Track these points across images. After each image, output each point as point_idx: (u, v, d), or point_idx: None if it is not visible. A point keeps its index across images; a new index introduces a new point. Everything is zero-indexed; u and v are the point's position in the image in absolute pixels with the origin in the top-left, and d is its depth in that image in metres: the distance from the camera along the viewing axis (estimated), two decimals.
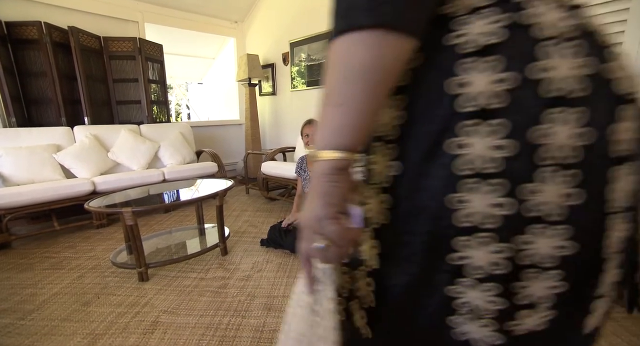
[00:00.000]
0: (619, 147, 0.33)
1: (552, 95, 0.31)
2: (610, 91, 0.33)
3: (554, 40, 0.32)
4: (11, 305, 1.44)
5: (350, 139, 0.34)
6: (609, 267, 0.36)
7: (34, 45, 2.70)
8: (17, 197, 2.06)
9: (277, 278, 1.63)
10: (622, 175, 0.33)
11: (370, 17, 0.30)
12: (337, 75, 0.33)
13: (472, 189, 0.33)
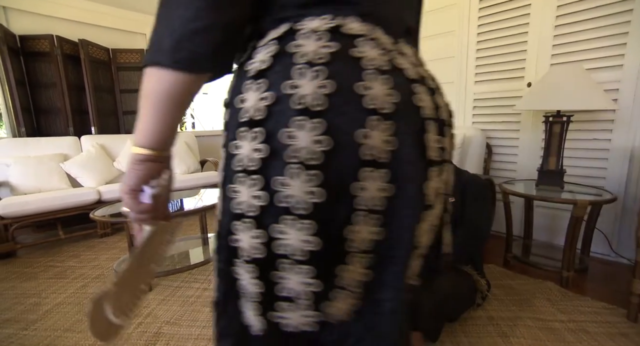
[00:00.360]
0: (368, 152, 0.39)
1: (299, 107, 0.39)
2: (358, 105, 0.39)
3: (306, 65, 0.40)
4: (15, 314, 1.44)
5: (147, 141, 0.44)
6: (353, 261, 0.42)
7: (45, 58, 2.78)
8: (24, 206, 2.08)
9: None
10: (368, 178, 0.39)
11: (169, 60, 0.39)
12: (142, 96, 0.42)
13: (241, 182, 0.42)
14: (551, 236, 2.04)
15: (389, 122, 0.40)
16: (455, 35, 2.33)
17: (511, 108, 2.09)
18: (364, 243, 0.42)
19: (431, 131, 0.46)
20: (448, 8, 2.34)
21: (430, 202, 0.46)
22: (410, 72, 0.45)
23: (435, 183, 0.47)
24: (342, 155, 0.39)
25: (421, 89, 0.46)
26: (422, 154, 0.45)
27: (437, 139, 0.47)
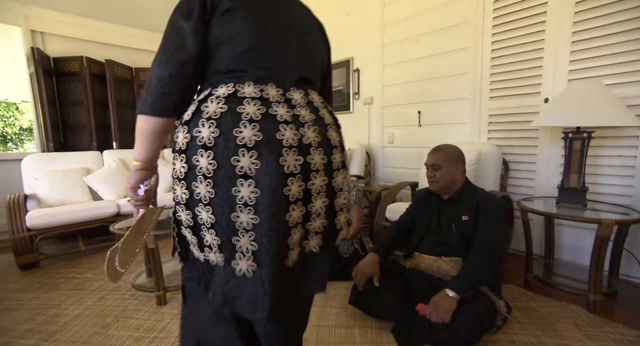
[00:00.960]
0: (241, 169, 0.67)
1: (200, 143, 0.68)
2: (234, 142, 0.67)
3: (205, 119, 0.68)
4: (36, 325, 1.48)
5: (141, 157, 0.77)
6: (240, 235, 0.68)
7: (75, 77, 2.95)
8: (50, 218, 2.17)
9: None
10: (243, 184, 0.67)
11: (150, 111, 0.70)
12: (137, 131, 0.74)
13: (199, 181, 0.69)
14: (574, 256, 1.95)
15: (253, 151, 0.67)
16: (469, 52, 2.34)
17: (528, 124, 2.05)
18: (243, 224, 0.68)
19: (289, 155, 0.69)
20: (462, 25, 2.36)
21: (294, 198, 0.71)
22: (281, 117, 0.70)
23: (295, 187, 0.70)
24: (224, 171, 0.67)
25: (287, 128, 0.69)
26: (283, 168, 0.69)
27: (296, 158, 0.70)
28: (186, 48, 0.69)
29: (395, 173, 3.02)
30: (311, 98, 0.78)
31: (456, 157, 1.44)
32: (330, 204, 0.79)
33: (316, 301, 1.64)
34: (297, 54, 0.79)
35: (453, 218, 1.42)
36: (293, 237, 0.72)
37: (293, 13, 0.82)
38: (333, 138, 0.79)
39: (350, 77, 3.28)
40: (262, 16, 0.74)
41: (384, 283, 1.40)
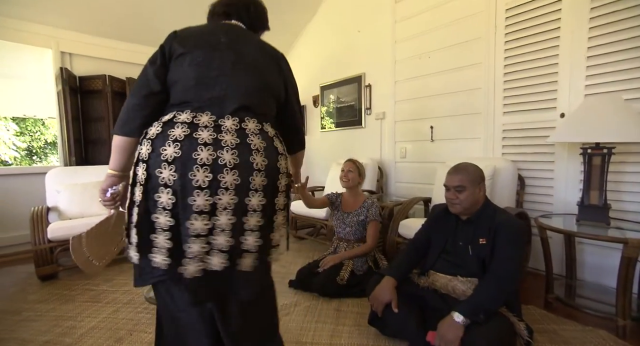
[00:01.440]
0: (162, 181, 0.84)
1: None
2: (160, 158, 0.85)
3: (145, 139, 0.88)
4: (53, 337, 1.51)
5: (113, 167, 0.95)
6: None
7: (97, 95, 3.09)
8: (69, 230, 2.22)
9: (305, 322, 1.59)
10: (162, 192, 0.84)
11: (119, 132, 0.92)
12: (112, 146, 0.93)
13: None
14: (599, 276, 1.87)
15: (172, 166, 0.84)
16: (481, 67, 2.35)
17: (544, 139, 2.02)
18: (161, 225, 0.85)
19: (199, 171, 0.83)
20: (474, 41, 2.39)
21: (199, 209, 0.84)
22: (202, 139, 0.85)
23: (201, 200, 0.84)
24: (152, 182, 0.85)
25: (204, 149, 0.84)
26: (192, 182, 0.83)
27: (206, 175, 0.84)
28: (149, 86, 0.91)
29: (407, 188, 2.99)
30: (244, 126, 0.91)
31: (479, 177, 1.38)
32: (239, 223, 0.88)
33: (328, 318, 1.61)
34: (239, 86, 0.93)
35: (470, 240, 1.37)
36: (192, 247, 0.84)
37: (243, 51, 0.98)
38: (257, 162, 0.90)
39: (362, 93, 3.32)
40: (206, 58, 0.93)
41: (398, 303, 1.37)
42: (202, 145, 0.84)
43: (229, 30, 1.02)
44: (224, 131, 0.87)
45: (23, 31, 2.83)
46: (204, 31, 1.00)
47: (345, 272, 1.85)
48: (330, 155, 3.75)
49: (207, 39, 0.97)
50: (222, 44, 0.96)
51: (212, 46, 0.95)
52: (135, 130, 0.90)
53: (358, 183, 2.08)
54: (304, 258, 2.56)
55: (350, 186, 2.07)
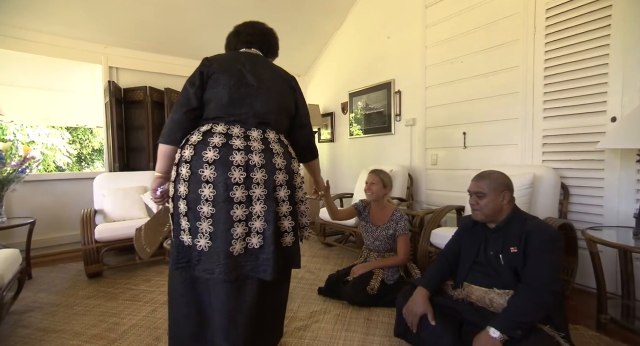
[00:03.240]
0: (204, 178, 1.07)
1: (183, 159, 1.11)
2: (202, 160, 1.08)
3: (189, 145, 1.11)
4: (100, 331, 1.61)
5: (159, 170, 1.18)
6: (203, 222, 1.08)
7: (139, 105, 3.30)
8: (113, 232, 2.38)
9: (335, 330, 1.57)
10: (205, 187, 1.07)
11: (164, 141, 1.14)
12: (158, 153, 1.16)
13: None
14: None
15: (212, 166, 1.06)
16: (519, 70, 2.25)
17: (592, 146, 1.89)
18: (204, 213, 1.06)
19: (236, 170, 1.07)
20: (510, 44, 2.30)
21: (237, 200, 1.06)
22: (236, 146, 1.08)
23: (239, 192, 1.06)
24: (194, 178, 1.07)
25: (238, 153, 1.08)
26: (231, 179, 1.06)
27: (241, 173, 1.07)
28: (189, 103, 1.13)
29: (439, 196, 2.91)
30: (266, 136, 1.17)
31: (503, 185, 1.34)
32: (270, 210, 1.11)
33: (358, 327, 1.59)
34: (261, 106, 1.17)
35: (501, 249, 1.31)
36: (236, 230, 1.07)
37: (263, 75, 1.22)
38: (278, 163, 1.15)
39: (392, 99, 3.29)
40: (236, 82, 1.15)
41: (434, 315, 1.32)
42: (236, 150, 1.08)
43: (251, 58, 1.25)
44: (251, 139, 1.12)
45: (77, 49, 3.11)
46: (232, 59, 1.22)
47: (376, 282, 1.82)
48: (359, 161, 3.73)
49: (235, 66, 1.19)
50: (247, 71, 1.19)
51: (239, 72, 1.18)
52: (178, 140, 1.13)
53: (384, 194, 2.03)
54: (332, 265, 2.55)
55: (375, 199, 2.03)
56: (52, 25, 2.90)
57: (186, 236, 1.08)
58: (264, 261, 1.09)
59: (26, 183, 2.69)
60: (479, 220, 1.38)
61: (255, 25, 1.37)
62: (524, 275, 1.21)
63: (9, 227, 2.24)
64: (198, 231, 1.06)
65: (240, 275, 1.09)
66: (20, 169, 2.29)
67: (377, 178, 2.00)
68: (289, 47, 4.07)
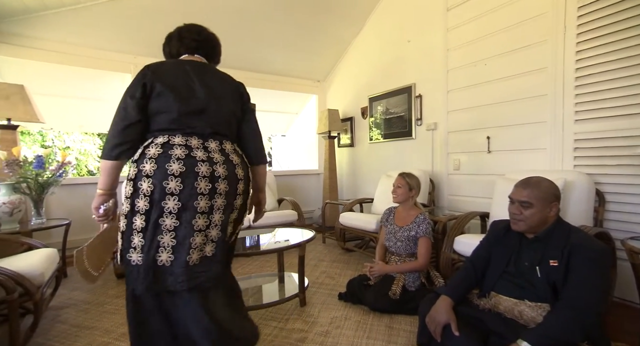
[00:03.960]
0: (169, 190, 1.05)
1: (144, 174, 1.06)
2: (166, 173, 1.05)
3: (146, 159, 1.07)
4: None
5: (101, 187, 1.11)
6: None
7: None
8: None
9: (356, 337, 1.56)
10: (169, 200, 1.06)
11: (107, 156, 1.07)
12: (100, 170, 1.11)
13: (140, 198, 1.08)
14: None
15: (178, 178, 1.05)
16: (547, 72, 2.17)
17: (629, 150, 1.79)
18: (167, 226, 1.05)
19: (202, 181, 1.08)
20: (537, 45, 2.22)
21: (201, 210, 1.08)
22: (199, 157, 1.09)
23: (203, 202, 1.08)
24: (157, 192, 1.04)
25: (202, 164, 1.09)
26: (196, 190, 1.07)
27: (207, 184, 1.09)
28: (130, 117, 1.07)
29: (462, 201, 2.83)
30: (224, 147, 1.19)
31: (553, 196, 1.25)
32: (225, 219, 1.17)
33: (379, 335, 1.57)
34: (213, 117, 1.18)
35: (539, 261, 1.24)
36: (195, 239, 1.08)
37: (211, 86, 1.21)
38: (239, 174, 1.20)
39: (412, 103, 3.25)
40: (186, 96, 1.14)
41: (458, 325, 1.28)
42: (200, 161, 1.09)
43: (197, 68, 1.23)
44: (210, 151, 1.13)
45: (109, 60, 3.28)
46: (178, 70, 1.19)
47: (397, 287, 1.79)
48: (379, 166, 3.70)
49: (181, 78, 1.17)
50: (194, 83, 1.18)
51: (187, 86, 1.16)
52: (121, 155, 1.07)
53: (409, 197, 2.02)
54: (352, 270, 2.53)
55: (399, 201, 2.05)
56: (88, 39, 3.09)
57: (136, 254, 1.04)
58: (214, 267, 1.13)
59: (62, 187, 2.85)
60: (520, 231, 1.30)
61: (200, 31, 1.33)
62: (565, 292, 1.14)
63: (48, 227, 2.39)
64: (160, 245, 1.03)
65: (199, 284, 1.09)
66: (58, 173, 2.44)
67: (404, 182, 2.01)
68: (309, 52, 4.13)
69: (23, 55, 2.92)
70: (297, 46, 3.96)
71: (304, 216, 3.38)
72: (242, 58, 3.91)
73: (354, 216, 2.90)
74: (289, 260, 2.72)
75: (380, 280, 1.88)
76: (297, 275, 1.95)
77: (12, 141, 2.51)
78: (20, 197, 2.31)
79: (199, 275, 1.08)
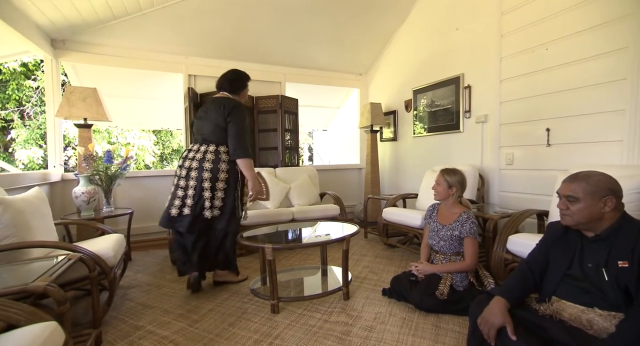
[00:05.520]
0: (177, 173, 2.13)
1: None
2: None
3: None
4: (184, 311, 1.82)
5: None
6: None
7: None
8: None
9: (401, 334, 1.53)
10: None
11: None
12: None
13: None
14: None
15: (178, 168, 2.11)
16: (628, 52, 1.91)
17: None
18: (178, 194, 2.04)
19: (182, 170, 2.05)
20: (614, 22, 1.97)
21: (180, 188, 2.04)
22: (186, 155, 2.08)
23: (182, 182, 2.03)
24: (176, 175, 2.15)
25: (186, 159, 2.05)
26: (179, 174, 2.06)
27: (183, 171, 2.04)
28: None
29: (515, 198, 2.64)
30: (204, 149, 2.02)
31: (605, 190, 1.14)
32: (196, 194, 1.97)
33: (426, 334, 1.53)
34: (203, 129, 2.08)
35: (605, 262, 1.12)
36: (174, 202, 2.00)
37: (207, 110, 2.09)
38: (206, 167, 1.97)
39: (460, 95, 3.08)
40: (196, 118, 2.17)
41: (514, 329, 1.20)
42: (185, 158, 2.05)
43: (210, 100, 2.13)
44: (196, 151, 2.03)
45: (164, 61, 3.53)
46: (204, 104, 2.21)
47: (445, 287, 1.72)
48: (424, 161, 3.58)
49: (201, 109, 2.16)
50: (202, 110, 2.15)
51: (199, 112, 2.17)
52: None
53: (449, 195, 1.92)
54: (395, 266, 2.49)
55: (439, 199, 1.98)
56: (146, 42, 3.35)
57: None
58: (184, 221, 1.95)
59: (125, 180, 3.14)
60: (568, 225, 1.22)
61: (223, 75, 2.19)
62: (639, 295, 1.03)
63: (116, 215, 2.68)
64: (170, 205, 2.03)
65: (176, 228, 2.01)
66: (122, 167, 2.69)
67: (442, 179, 1.93)
68: (351, 45, 4.08)
69: (95, 62, 3.26)
70: (338, 40, 3.93)
71: (345, 210, 3.38)
72: (284, 54, 3.98)
73: (398, 211, 2.84)
74: (331, 254, 2.75)
75: (427, 278, 1.83)
76: (341, 268, 1.96)
77: (87, 139, 2.82)
78: (95, 187, 2.60)
79: (177, 223, 1.96)
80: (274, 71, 4.13)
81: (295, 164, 4.12)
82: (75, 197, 2.53)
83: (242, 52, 3.81)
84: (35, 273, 1.21)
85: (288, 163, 4.02)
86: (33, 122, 7.09)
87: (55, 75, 3.06)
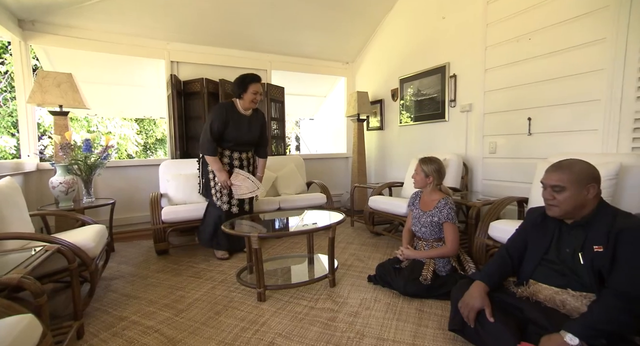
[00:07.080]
0: None
1: None
2: None
3: None
4: (169, 302, 1.80)
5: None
6: None
7: (196, 96, 3.51)
8: (176, 214, 2.61)
9: (386, 319, 1.57)
10: None
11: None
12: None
13: None
14: None
15: None
16: (606, 43, 1.95)
17: None
18: None
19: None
20: (594, 13, 2.00)
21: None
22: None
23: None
24: None
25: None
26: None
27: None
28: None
29: (497, 186, 2.70)
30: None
31: (588, 178, 1.17)
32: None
33: (410, 318, 1.57)
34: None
35: (581, 247, 1.17)
36: None
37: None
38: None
39: (446, 84, 3.10)
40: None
41: (493, 311, 1.25)
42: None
43: None
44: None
45: (145, 47, 3.39)
46: None
47: (428, 272, 1.77)
48: (409, 150, 3.61)
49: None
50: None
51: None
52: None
53: (427, 184, 1.97)
54: (381, 254, 2.53)
55: (418, 187, 2.04)
56: (126, 26, 3.19)
57: None
58: None
59: (107, 169, 3.05)
60: (555, 216, 1.24)
61: None
62: (613, 279, 1.07)
63: (97, 206, 2.59)
64: None
65: None
66: (103, 156, 2.60)
67: (419, 168, 1.98)
68: (338, 32, 4.01)
69: (70, 45, 3.09)
70: (325, 27, 3.86)
71: (332, 199, 3.39)
72: (270, 41, 3.88)
73: (384, 199, 2.87)
74: (317, 242, 2.77)
75: (410, 264, 1.87)
76: (327, 256, 1.98)
77: (63, 126, 2.70)
78: (73, 177, 2.51)
79: None
80: (259, 58, 4.04)
81: (282, 153, 4.08)
82: (53, 187, 2.43)
83: (227, 39, 3.69)
84: (9, 266, 1.17)
85: (274, 152, 3.98)
86: (3, 109, 6.74)
87: (24, 58, 2.89)
